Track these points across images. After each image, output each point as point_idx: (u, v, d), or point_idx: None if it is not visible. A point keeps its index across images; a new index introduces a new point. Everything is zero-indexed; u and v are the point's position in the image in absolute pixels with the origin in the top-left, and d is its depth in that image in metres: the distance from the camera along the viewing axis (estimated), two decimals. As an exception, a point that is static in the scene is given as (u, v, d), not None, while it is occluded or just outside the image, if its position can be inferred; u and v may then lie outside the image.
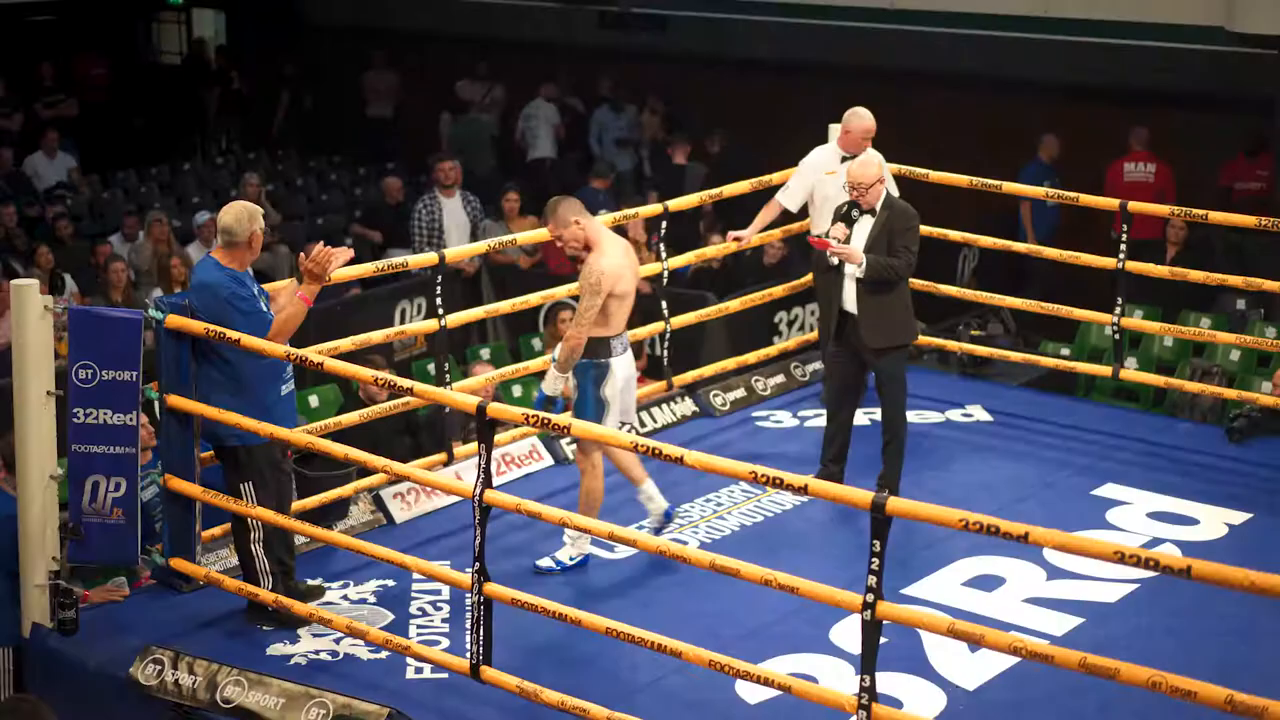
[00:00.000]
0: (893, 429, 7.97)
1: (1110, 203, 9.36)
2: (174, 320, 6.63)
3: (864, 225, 7.88)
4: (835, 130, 9.09)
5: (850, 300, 7.92)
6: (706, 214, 13.54)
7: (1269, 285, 8.84)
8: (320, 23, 19.85)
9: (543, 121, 16.96)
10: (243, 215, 6.68)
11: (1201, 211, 8.82)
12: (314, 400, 10.01)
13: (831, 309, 8.11)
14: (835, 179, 8.86)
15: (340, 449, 6.55)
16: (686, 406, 9.25)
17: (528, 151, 17.01)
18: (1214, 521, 7.91)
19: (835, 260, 7.89)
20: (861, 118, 8.90)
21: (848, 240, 7.85)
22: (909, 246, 7.85)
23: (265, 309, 6.73)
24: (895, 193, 8.59)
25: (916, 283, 8.62)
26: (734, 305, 9.84)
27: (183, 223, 14.70)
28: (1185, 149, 13.87)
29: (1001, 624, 6.50)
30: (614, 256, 7.22)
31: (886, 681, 5.87)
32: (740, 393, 9.52)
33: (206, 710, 6.16)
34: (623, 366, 7.30)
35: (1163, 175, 13.53)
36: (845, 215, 7.92)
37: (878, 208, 7.88)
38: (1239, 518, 7.96)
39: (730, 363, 9.67)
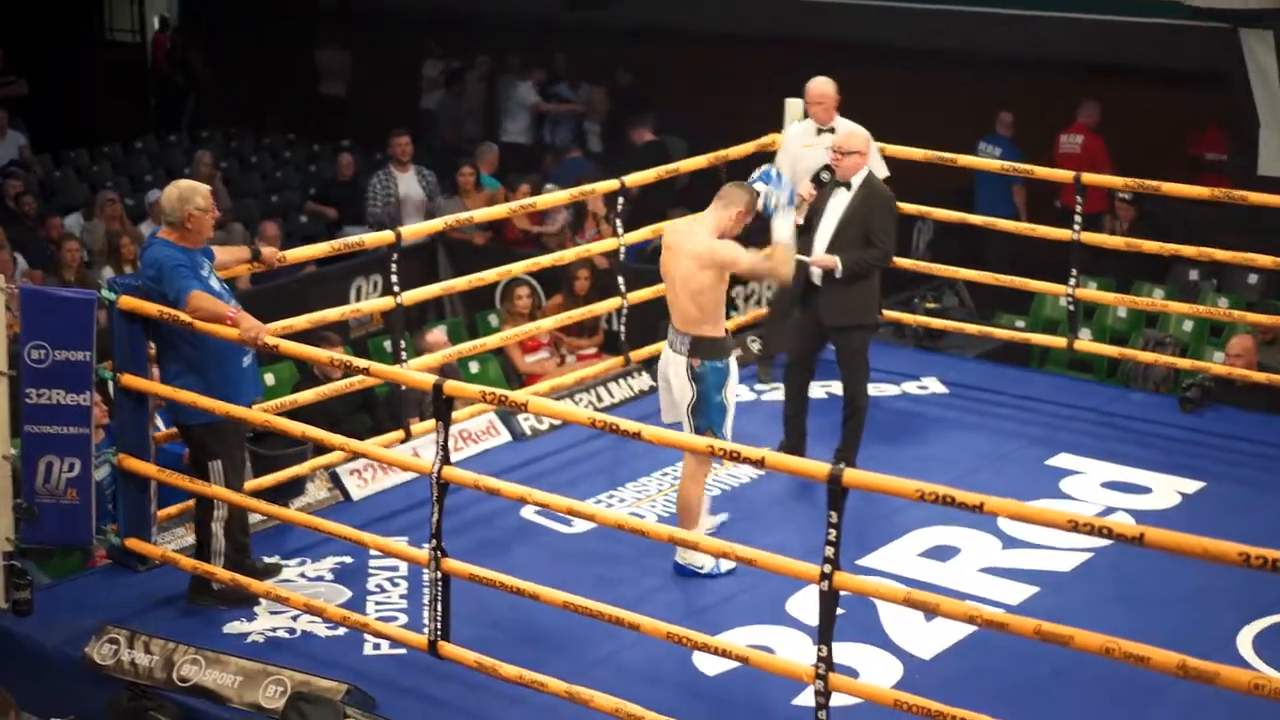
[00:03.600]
0: (854, 404, 8.00)
1: (1064, 175, 9.38)
2: (127, 302, 6.59)
3: (840, 200, 7.86)
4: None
5: (816, 274, 7.93)
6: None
7: (1221, 255, 8.89)
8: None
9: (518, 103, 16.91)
10: (174, 195, 6.61)
11: (1154, 183, 8.84)
12: (270, 378, 9.96)
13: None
14: (812, 152, 8.86)
15: (298, 427, 6.53)
16: (644, 381, 9.25)
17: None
18: (1167, 490, 7.97)
19: (818, 279, 7.87)
20: (808, 85, 8.91)
21: (820, 207, 7.82)
22: (885, 232, 7.84)
23: (220, 289, 6.68)
24: (885, 172, 8.62)
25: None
26: (691, 280, 9.80)
27: (135, 201, 14.61)
28: (1145, 122, 13.89)
29: (957, 593, 6.53)
30: None
31: (843, 651, 5.90)
32: (697, 367, 9.52)
33: (163, 689, 6.14)
34: (735, 366, 7.07)
35: (1091, 147, 13.35)
36: (816, 177, 7.92)
37: (854, 183, 7.86)
38: (1192, 486, 8.02)
39: (687, 337, 9.64)
